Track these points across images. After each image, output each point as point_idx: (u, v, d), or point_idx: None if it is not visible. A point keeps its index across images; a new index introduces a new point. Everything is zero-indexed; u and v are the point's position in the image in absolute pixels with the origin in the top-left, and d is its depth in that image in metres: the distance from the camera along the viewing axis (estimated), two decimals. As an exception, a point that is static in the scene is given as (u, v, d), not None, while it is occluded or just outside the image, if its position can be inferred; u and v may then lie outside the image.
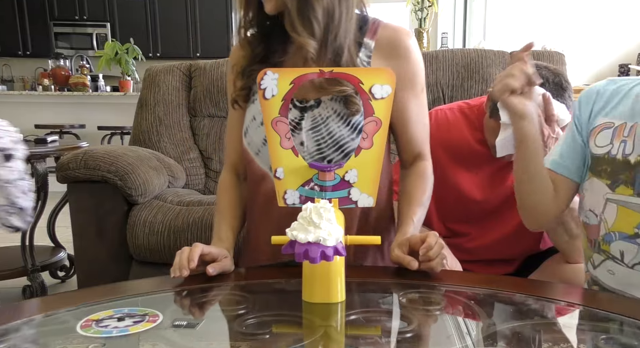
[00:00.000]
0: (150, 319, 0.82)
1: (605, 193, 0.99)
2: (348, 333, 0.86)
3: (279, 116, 0.96)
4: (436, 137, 1.50)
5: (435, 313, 0.93)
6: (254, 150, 1.21)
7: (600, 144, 1.00)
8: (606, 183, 0.98)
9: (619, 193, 0.96)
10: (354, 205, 0.98)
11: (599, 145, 1.00)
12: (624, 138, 0.95)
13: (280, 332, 0.86)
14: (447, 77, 2.19)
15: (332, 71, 0.95)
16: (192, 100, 2.39)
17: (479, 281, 1.10)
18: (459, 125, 1.49)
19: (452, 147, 1.48)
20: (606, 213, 0.99)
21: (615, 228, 0.98)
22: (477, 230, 1.51)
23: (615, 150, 0.97)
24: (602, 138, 1.00)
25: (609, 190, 0.98)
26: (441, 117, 1.54)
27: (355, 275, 1.05)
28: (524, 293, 0.95)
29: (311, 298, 0.92)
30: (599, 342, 0.77)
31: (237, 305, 0.98)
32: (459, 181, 1.48)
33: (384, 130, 0.96)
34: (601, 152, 0.99)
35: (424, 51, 3.72)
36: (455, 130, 1.49)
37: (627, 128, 0.96)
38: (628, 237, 0.96)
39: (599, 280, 1.05)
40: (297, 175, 0.98)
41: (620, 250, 0.97)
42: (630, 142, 0.94)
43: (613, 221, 0.98)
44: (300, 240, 0.83)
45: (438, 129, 1.50)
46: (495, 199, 1.46)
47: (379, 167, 0.97)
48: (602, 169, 0.99)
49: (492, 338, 0.79)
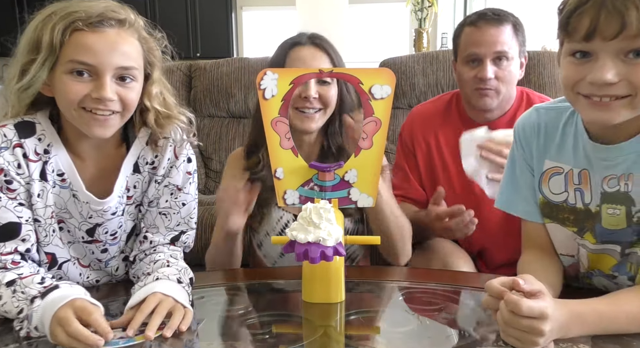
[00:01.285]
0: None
1: (575, 238, 0.95)
2: (348, 333, 0.86)
3: (278, 116, 0.96)
4: (418, 135, 1.50)
5: (435, 313, 0.93)
6: (271, 261, 1.26)
7: (555, 190, 0.94)
8: (573, 230, 0.94)
9: (586, 239, 0.92)
10: (354, 205, 0.98)
11: (555, 192, 0.94)
12: (576, 186, 0.91)
13: (280, 332, 0.86)
14: (448, 77, 2.19)
15: (332, 71, 0.95)
16: (192, 100, 2.39)
17: (479, 281, 1.10)
18: (440, 114, 1.52)
19: (435, 139, 1.49)
20: (580, 255, 0.96)
21: (593, 267, 0.95)
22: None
23: (573, 199, 0.92)
24: (555, 184, 0.94)
25: (578, 236, 0.94)
26: (421, 110, 1.56)
27: (355, 275, 1.05)
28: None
29: (311, 298, 0.92)
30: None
31: (237, 305, 0.99)
32: (453, 169, 1.48)
33: (383, 130, 0.96)
34: (558, 200, 0.94)
35: (424, 51, 3.72)
36: (437, 121, 1.51)
37: (575, 175, 0.91)
38: (607, 276, 0.94)
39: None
40: (296, 175, 0.98)
41: (602, 285, 0.95)
42: (587, 191, 0.90)
43: (588, 262, 0.95)
44: (300, 240, 0.83)
45: (419, 125, 1.52)
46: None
47: (379, 167, 0.97)
48: (564, 217, 0.94)
49: (491, 338, 0.79)
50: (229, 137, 2.38)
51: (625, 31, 0.71)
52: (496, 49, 1.36)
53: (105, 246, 1.02)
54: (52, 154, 0.94)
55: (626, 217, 0.87)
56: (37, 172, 0.93)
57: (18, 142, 0.91)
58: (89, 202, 0.96)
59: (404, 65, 2.25)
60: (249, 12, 6.29)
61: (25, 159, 0.91)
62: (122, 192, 1.00)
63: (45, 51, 0.86)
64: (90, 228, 0.99)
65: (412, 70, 2.23)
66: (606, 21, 0.72)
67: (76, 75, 0.88)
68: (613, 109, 0.78)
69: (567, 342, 0.75)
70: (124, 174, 0.99)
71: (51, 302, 0.80)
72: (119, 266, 1.06)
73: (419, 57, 2.30)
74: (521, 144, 0.99)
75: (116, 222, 1.00)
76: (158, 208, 1.03)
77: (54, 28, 0.86)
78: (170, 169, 1.02)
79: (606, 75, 0.74)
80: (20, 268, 0.90)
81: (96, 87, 0.88)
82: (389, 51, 3.97)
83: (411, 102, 2.25)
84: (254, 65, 2.39)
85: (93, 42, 0.87)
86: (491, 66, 1.37)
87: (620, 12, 0.71)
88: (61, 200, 0.96)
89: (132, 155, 1.00)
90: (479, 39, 1.38)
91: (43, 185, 0.93)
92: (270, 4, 6.11)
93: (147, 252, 1.03)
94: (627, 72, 0.75)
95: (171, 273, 0.91)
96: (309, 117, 1.16)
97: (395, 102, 0.96)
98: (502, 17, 1.38)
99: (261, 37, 6.22)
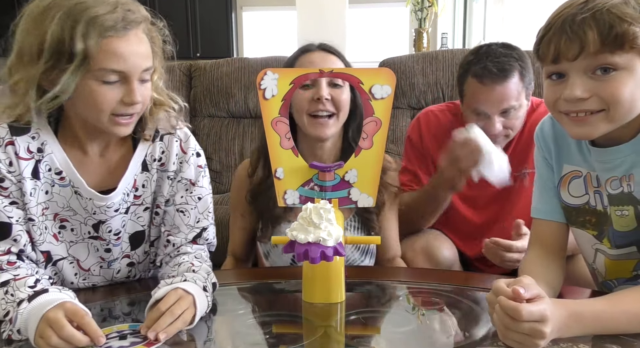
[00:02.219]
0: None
1: (594, 243, 0.95)
2: (348, 333, 0.86)
3: (278, 116, 0.96)
4: (429, 139, 1.51)
5: (435, 313, 0.93)
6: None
7: (575, 194, 0.95)
8: (593, 234, 0.94)
9: (604, 244, 0.93)
10: (354, 205, 0.98)
11: (575, 195, 0.95)
12: (595, 188, 0.92)
13: (281, 332, 0.86)
14: (447, 77, 2.19)
15: (332, 71, 0.95)
16: (192, 100, 2.39)
17: (479, 281, 1.10)
18: (450, 125, 1.51)
19: (445, 146, 1.50)
20: (597, 263, 0.97)
21: (610, 276, 0.96)
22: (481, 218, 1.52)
23: (594, 201, 0.93)
24: (576, 188, 0.95)
25: (597, 240, 0.94)
26: (432, 118, 1.55)
27: (355, 275, 1.05)
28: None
29: (311, 298, 0.92)
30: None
31: (238, 305, 0.99)
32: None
33: (383, 130, 0.96)
34: (579, 203, 0.95)
35: (424, 51, 3.72)
36: (447, 130, 1.51)
37: (593, 178, 0.92)
38: (628, 280, 0.94)
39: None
40: (297, 175, 0.98)
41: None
42: (605, 195, 0.91)
43: (605, 271, 0.96)
44: (300, 241, 0.83)
45: (429, 130, 1.51)
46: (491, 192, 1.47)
47: (379, 167, 0.97)
48: (585, 220, 0.95)
49: (491, 337, 0.79)
50: (229, 137, 2.38)
51: (585, 51, 0.78)
52: (503, 107, 1.34)
53: (108, 245, 1.01)
54: (47, 152, 0.93)
55: (635, 217, 0.88)
56: (29, 170, 0.92)
57: (10, 140, 0.90)
58: (92, 198, 0.95)
59: (403, 65, 2.25)
60: (249, 12, 6.29)
61: (16, 157, 0.91)
62: (129, 190, 0.99)
63: (79, 61, 0.84)
64: (96, 223, 0.99)
65: (411, 70, 2.23)
66: (566, 45, 0.79)
67: (107, 83, 0.87)
68: (591, 124, 0.83)
69: (567, 342, 0.75)
70: (131, 171, 0.98)
71: (38, 306, 0.79)
72: (121, 269, 1.05)
73: (418, 57, 2.30)
74: (541, 145, 1.01)
75: (119, 221, 1.00)
76: (175, 205, 1.02)
77: (85, 36, 0.83)
78: (182, 164, 1.02)
79: (575, 92, 0.80)
80: (17, 269, 0.89)
81: (127, 92, 0.88)
82: (389, 51, 3.96)
83: (411, 102, 2.25)
84: (254, 65, 2.39)
85: (121, 49, 0.86)
86: (499, 118, 1.35)
87: (578, 34, 0.78)
88: (63, 198, 0.95)
89: (140, 154, 0.99)
90: (486, 98, 1.34)
91: (35, 183, 0.92)
92: (270, 4, 6.11)
93: (171, 254, 1.02)
94: (595, 87, 0.80)
95: (198, 278, 0.91)
96: (322, 124, 1.15)
97: (395, 102, 0.95)
98: (507, 71, 1.33)
99: (261, 37, 6.22)
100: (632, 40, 0.77)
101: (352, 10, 5.00)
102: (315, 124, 1.15)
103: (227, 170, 2.35)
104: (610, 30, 0.77)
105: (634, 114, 0.82)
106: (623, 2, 0.78)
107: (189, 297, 0.84)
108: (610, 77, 0.79)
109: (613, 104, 0.80)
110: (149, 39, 0.93)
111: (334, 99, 1.14)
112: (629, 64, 0.78)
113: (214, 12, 6.12)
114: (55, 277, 1.00)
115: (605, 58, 0.78)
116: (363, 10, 5.70)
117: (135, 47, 0.88)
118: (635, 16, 0.77)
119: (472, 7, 4.85)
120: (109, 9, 0.86)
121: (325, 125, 1.15)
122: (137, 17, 0.89)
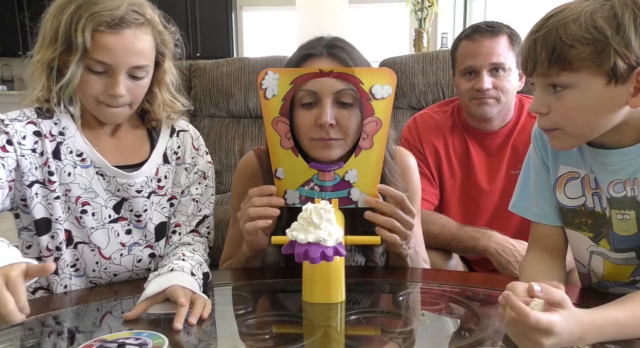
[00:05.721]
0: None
1: (589, 246, 0.94)
2: (348, 333, 0.86)
3: (279, 116, 0.96)
4: (427, 139, 1.52)
5: (435, 313, 0.93)
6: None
7: (571, 195, 0.94)
8: (589, 236, 0.94)
9: (602, 246, 0.92)
10: (354, 205, 0.98)
11: (571, 196, 0.94)
12: (593, 190, 0.91)
13: (280, 332, 0.86)
14: (448, 77, 2.19)
15: (332, 71, 0.95)
16: (192, 100, 2.39)
17: (479, 281, 1.11)
18: (446, 124, 1.52)
19: (444, 145, 1.50)
20: (593, 265, 0.96)
21: (608, 278, 0.95)
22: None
23: (591, 203, 0.92)
24: (572, 189, 0.94)
25: (592, 242, 0.93)
26: (428, 119, 1.56)
27: (355, 275, 1.05)
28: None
29: (311, 298, 0.92)
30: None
31: (238, 305, 0.99)
32: (460, 177, 1.50)
33: (384, 130, 0.96)
34: (575, 205, 0.94)
35: (424, 51, 3.72)
36: (444, 129, 1.52)
37: (592, 180, 0.91)
38: (625, 284, 0.93)
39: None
40: (297, 175, 0.98)
41: (620, 293, 0.94)
42: (604, 197, 0.90)
43: (602, 272, 0.95)
44: (300, 241, 0.83)
45: (427, 131, 1.53)
46: (495, 189, 1.47)
47: (379, 167, 0.97)
48: (582, 222, 0.94)
49: (491, 337, 0.79)
50: (229, 137, 2.38)
51: (537, 70, 0.82)
52: (492, 60, 1.38)
53: (129, 225, 1.05)
54: (68, 136, 1.01)
55: (636, 222, 0.88)
56: (51, 150, 0.99)
57: (33, 120, 0.99)
58: (116, 176, 1.02)
59: (403, 65, 2.26)
60: (249, 12, 6.29)
61: (35, 136, 0.98)
62: (152, 176, 1.06)
63: (79, 52, 0.92)
64: (117, 202, 1.04)
65: (412, 70, 2.24)
66: (526, 62, 0.84)
67: (94, 72, 0.95)
68: (558, 139, 0.86)
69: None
70: (154, 159, 1.07)
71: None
72: (143, 259, 1.08)
73: (418, 57, 2.30)
74: (538, 145, 1.00)
75: (141, 203, 1.05)
76: (191, 196, 1.10)
77: (84, 30, 0.92)
78: (194, 159, 1.12)
79: (533, 105, 0.86)
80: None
81: (110, 85, 0.96)
82: (389, 51, 3.96)
83: (411, 102, 2.26)
84: (254, 65, 2.39)
85: (112, 44, 0.93)
86: (488, 77, 1.38)
87: (532, 52, 0.82)
88: (85, 179, 1.01)
89: (161, 145, 1.09)
90: (475, 51, 1.40)
91: (57, 163, 0.99)
92: (270, 4, 6.11)
93: (175, 245, 1.09)
94: (552, 103, 0.83)
95: (185, 266, 0.96)
96: (327, 145, 0.98)
97: (395, 102, 0.94)
98: (496, 29, 1.40)
99: (261, 37, 6.22)
100: (572, 62, 0.78)
101: (352, 10, 5.00)
102: (319, 146, 0.99)
103: (227, 170, 2.36)
104: (553, 52, 0.79)
105: (599, 128, 0.83)
106: (574, 19, 0.78)
107: (186, 291, 0.89)
108: (559, 95, 0.81)
109: (565, 120, 0.83)
110: (156, 41, 1.01)
111: (340, 124, 0.97)
112: (578, 83, 0.79)
113: (214, 12, 6.13)
114: (77, 263, 1.04)
115: (552, 78, 0.81)
116: (363, 10, 5.71)
117: (129, 44, 0.95)
118: (581, 36, 0.77)
119: (472, 7, 4.85)
120: (113, 7, 0.94)
121: (330, 146, 0.99)
122: (138, 17, 0.96)
